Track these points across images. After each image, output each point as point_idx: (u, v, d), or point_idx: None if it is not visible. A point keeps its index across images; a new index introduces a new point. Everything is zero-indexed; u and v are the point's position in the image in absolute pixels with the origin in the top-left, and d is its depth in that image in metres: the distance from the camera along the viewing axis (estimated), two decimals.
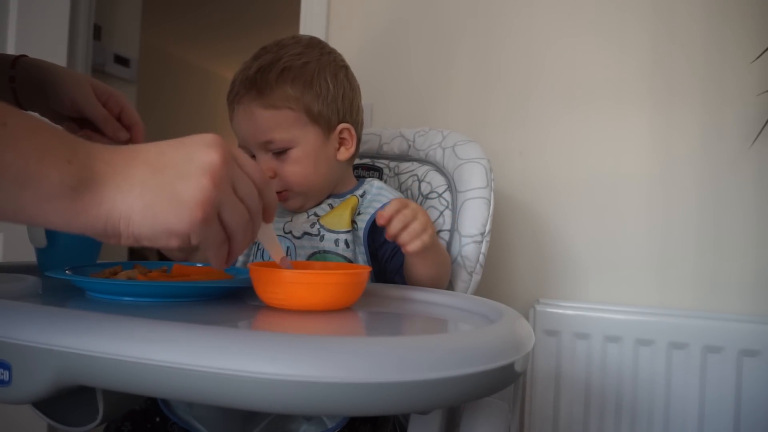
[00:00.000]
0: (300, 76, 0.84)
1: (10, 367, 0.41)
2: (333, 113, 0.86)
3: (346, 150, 0.89)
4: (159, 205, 0.43)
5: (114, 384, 0.40)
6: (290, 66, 0.84)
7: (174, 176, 0.44)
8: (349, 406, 0.37)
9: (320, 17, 1.54)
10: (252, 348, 0.37)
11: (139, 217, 0.43)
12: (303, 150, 0.85)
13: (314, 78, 0.85)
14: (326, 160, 0.87)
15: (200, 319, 0.56)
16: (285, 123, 0.83)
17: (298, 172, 0.85)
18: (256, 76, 0.83)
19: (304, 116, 0.84)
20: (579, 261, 1.37)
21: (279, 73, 0.83)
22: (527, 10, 1.42)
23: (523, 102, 1.42)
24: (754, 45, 1.26)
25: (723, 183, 1.29)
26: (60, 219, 0.41)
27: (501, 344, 0.44)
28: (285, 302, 0.58)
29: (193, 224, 0.44)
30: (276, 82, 0.83)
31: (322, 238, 0.85)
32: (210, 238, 0.46)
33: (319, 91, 0.85)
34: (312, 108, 0.84)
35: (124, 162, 0.43)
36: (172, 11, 3.80)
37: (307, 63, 0.85)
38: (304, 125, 0.84)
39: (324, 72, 0.86)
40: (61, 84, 0.76)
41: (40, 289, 0.62)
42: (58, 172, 0.40)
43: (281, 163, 0.85)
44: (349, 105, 0.89)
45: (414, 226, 0.73)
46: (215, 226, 0.46)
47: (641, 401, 1.25)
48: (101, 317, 0.42)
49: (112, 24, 2.20)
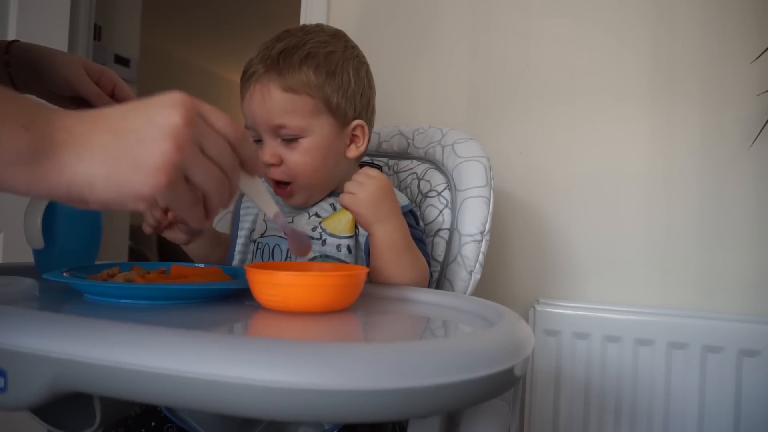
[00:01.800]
0: (324, 64, 0.81)
1: (6, 374, 0.41)
2: (350, 108, 0.84)
3: (356, 148, 0.87)
4: (121, 171, 0.43)
5: (110, 391, 0.39)
6: (315, 52, 0.81)
7: (135, 141, 0.43)
8: (348, 413, 0.36)
9: (320, 17, 1.54)
10: (250, 355, 0.37)
11: (102, 183, 0.43)
12: (315, 141, 0.82)
13: (337, 69, 0.82)
14: (335, 155, 0.85)
15: (197, 321, 0.56)
16: (302, 109, 0.80)
17: (307, 163, 0.82)
18: (279, 57, 0.80)
19: (322, 106, 0.81)
20: (579, 261, 1.37)
21: (303, 57, 0.80)
22: (527, 9, 1.42)
23: (523, 102, 1.41)
24: (754, 45, 1.26)
25: (723, 183, 1.29)
26: (20, 184, 0.42)
27: (500, 349, 0.44)
28: (282, 304, 0.58)
29: (157, 189, 0.43)
30: (299, 65, 0.80)
31: (324, 242, 0.83)
32: (179, 201, 0.46)
33: (340, 83, 0.82)
34: (331, 99, 0.82)
35: (85, 128, 0.43)
36: (172, 11, 3.80)
37: (332, 53, 0.83)
38: (320, 115, 0.82)
39: (347, 65, 0.84)
40: (54, 65, 0.77)
41: (38, 291, 0.62)
42: (13, 139, 0.40)
43: (290, 152, 0.82)
44: (366, 102, 0.87)
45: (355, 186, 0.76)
46: (182, 189, 0.45)
47: (641, 401, 1.24)
48: (98, 323, 0.42)
49: (112, 24, 2.20)
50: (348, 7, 1.56)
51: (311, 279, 0.59)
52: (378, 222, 0.76)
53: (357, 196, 0.75)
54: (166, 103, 0.45)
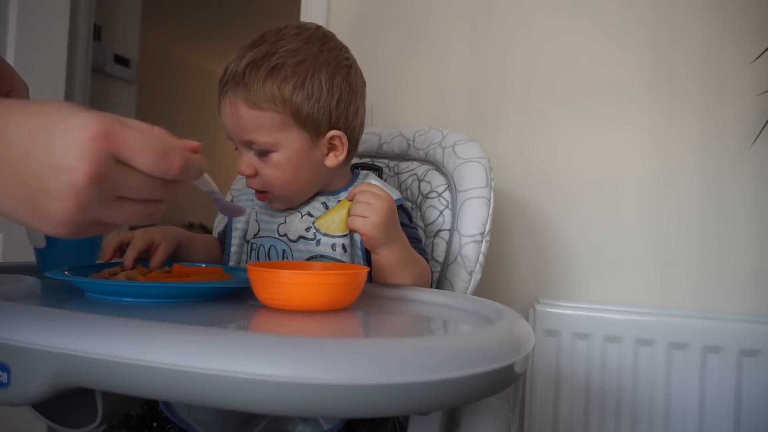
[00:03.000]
0: (292, 76, 0.78)
1: (9, 369, 0.41)
2: (324, 118, 0.81)
3: (335, 157, 0.84)
4: (22, 213, 0.40)
5: (113, 386, 0.39)
6: (282, 64, 0.78)
7: (37, 189, 0.39)
8: (349, 408, 0.37)
9: (320, 17, 1.54)
10: (252, 350, 0.37)
11: (8, 214, 0.41)
12: (285, 155, 0.80)
13: (307, 79, 0.79)
14: (310, 165, 0.82)
15: (199, 320, 0.56)
16: (268, 125, 0.78)
17: (279, 176, 0.81)
18: (245, 71, 0.78)
19: (289, 119, 0.79)
20: (579, 261, 1.37)
21: (270, 70, 0.77)
22: (527, 9, 1.42)
23: (523, 101, 1.41)
24: (754, 45, 1.26)
25: (723, 183, 1.29)
26: None
27: (501, 345, 0.44)
28: (284, 303, 0.58)
29: (62, 234, 0.41)
30: (264, 80, 0.77)
31: (318, 242, 0.82)
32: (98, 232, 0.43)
33: (310, 93, 0.79)
34: (300, 111, 0.79)
35: None
36: (172, 11, 3.80)
37: (302, 62, 0.79)
38: (288, 129, 0.79)
39: (320, 73, 0.80)
40: None
41: (39, 289, 0.62)
42: None
43: (263, 164, 0.81)
44: (344, 109, 0.83)
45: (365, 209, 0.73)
46: (93, 229, 0.42)
47: (641, 401, 1.25)
48: (100, 319, 0.42)
49: (112, 24, 2.20)
50: (348, 6, 1.56)
51: (313, 277, 0.59)
52: (387, 243, 0.75)
53: (369, 219, 0.72)
54: (74, 148, 0.39)
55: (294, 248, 0.84)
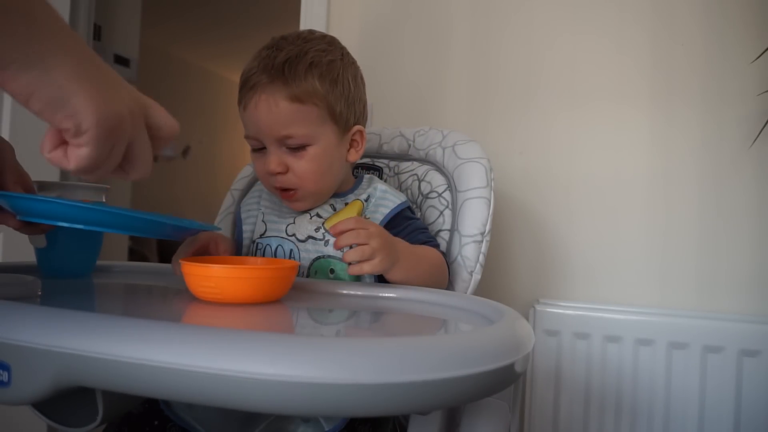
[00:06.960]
0: (327, 73, 0.82)
1: (10, 368, 0.41)
2: (351, 114, 0.86)
3: (355, 152, 0.89)
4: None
5: (113, 385, 0.39)
6: (318, 61, 0.82)
7: None
8: (350, 407, 0.37)
9: (320, 17, 1.54)
10: (253, 349, 0.37)
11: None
12: (321, 148, 0.83)
13: (339, 77, 0.84)
14: (339, 161, 0.87)
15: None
16: (308, 118, 0.81)
17: (314, 170, 0.83)
18: (284, 66, 0.80)
19: (326, 114, 0.83)
20: (579, 261, 1.37)
21: (308, 66, 0.81)
22: (527, 9, 1.42)
23: (523, 102, 1.42)
24: (754, 45, 1.26)
25: (723, 183, 1.29)
26: None
27: (501, 345, 0.44)
28: (216, 296, 0.60)
29: None
30: (305, 74, 0.80)
31: (326, 243, 0.84)
32: None
33: (342, 91, 0.84)
34: (335, 107, 0.83)
35: None
36: (172, 11, 3.80)
37: (333, 61, 0.84)
38: (324, 123, 0.83)
39: (347, 72, 0.85)
40: None
41: (39, 289, 0.62)
42: None
43: (296, 160, 0.83)
44: (363, 107, 0.90)
45: (364, 249, 0.72)
46: None
47: (641, 401, 1.25)
48: (100, 318, 0.42)
49: (112, 24, 2.20)
50: (348, 7, 1.56)
51: (243, 272, 0.61)
52: (395, 262, 0.76)
53: (374, 260, 0.73)
54: None
55: (302, 248, 0.85)
